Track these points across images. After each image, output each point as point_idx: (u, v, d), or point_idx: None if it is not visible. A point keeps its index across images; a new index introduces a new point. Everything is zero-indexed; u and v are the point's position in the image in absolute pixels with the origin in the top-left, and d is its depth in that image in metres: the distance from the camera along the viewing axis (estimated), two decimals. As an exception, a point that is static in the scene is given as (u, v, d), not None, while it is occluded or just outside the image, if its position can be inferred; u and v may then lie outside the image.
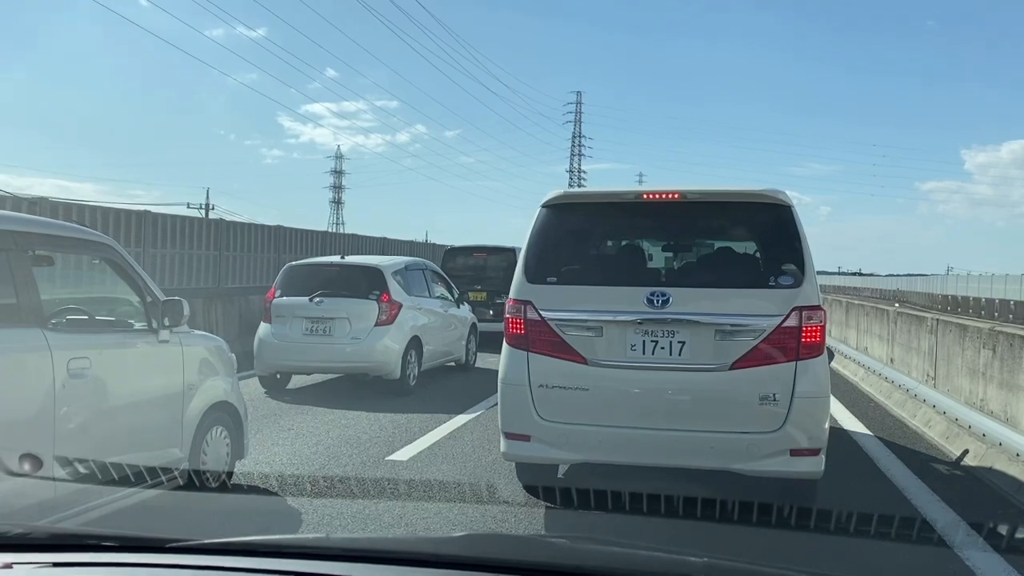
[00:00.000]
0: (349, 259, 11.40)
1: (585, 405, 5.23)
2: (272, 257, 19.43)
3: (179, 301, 5.19)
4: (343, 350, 10.04)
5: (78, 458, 4.28)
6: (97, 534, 1.96)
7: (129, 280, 5.09)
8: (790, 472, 5.08)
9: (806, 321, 5.06)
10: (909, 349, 10.54)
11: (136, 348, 5.07)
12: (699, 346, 5.14)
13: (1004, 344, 7.24)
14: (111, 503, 4.54)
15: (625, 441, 5.19)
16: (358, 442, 7.49)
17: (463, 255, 17.85)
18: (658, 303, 5.16)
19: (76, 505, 4.27)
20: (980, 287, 48.01)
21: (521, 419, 5.33)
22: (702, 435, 5.09)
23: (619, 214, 5.90)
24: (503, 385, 5.46)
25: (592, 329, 5.27)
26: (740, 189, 5.63)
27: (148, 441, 5.00)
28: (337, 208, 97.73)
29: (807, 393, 5.04)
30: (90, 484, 4.39)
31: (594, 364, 5.23)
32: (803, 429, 5.03)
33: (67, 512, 4.19)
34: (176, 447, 5.21)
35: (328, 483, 6.03)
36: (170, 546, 1.80)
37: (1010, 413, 6.95)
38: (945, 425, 8.08)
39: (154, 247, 15.73)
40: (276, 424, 8.28)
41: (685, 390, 5.19)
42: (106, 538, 1.89)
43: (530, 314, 5.35)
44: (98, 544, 1.86)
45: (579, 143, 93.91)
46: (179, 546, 1.79)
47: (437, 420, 8.50)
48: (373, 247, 25.30)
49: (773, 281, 5.22)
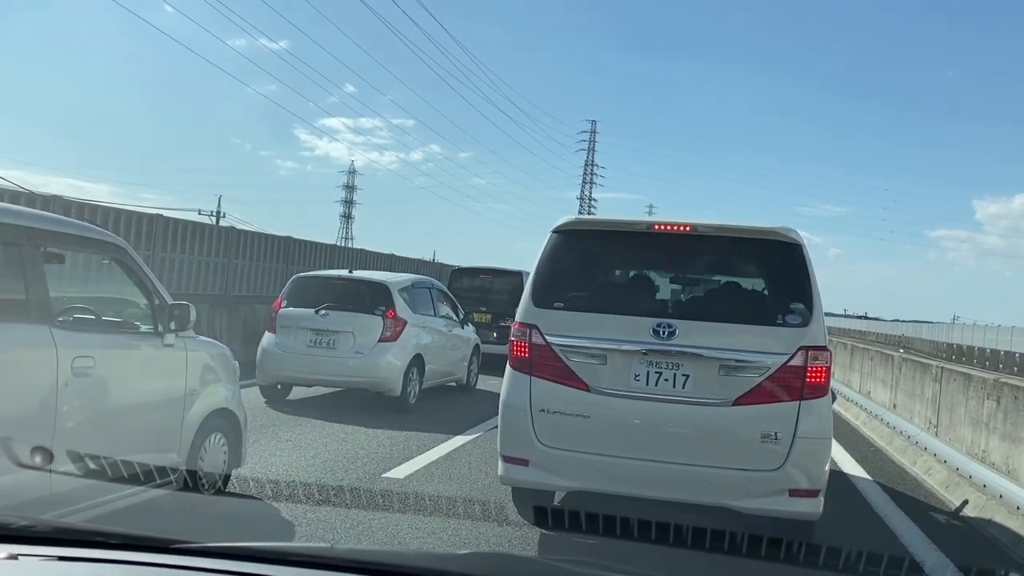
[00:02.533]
0: (357, 273, 11.42)
1: (585, 433, 5.19)
2: (280, 268, 19.47)
3: (186, 305, 5.20)
4: (346, 364, 10.03)
5: (76, 456, 4.28)
6: (102, 531, 1.96)
7: (138, 282, 5.11)
8: (788, 512, 5.03)
9: (812, 361, 5.03)
10: (912, 396, 10.49)
11: (141, 350, 5.07)
12: (703, 380, 5.10)
13: (1008, 396, 7.20)
14: (107, 504, 4.53)
15: (623, 471, 5.13)
16: (355, 457, 7.46)
17: (469, 276, 17.89)
18: (664, 334, 5.14)
19: (70, 503, 4.26)
20: (986, 337, 47.77)
21: (520, 443, 5.30)
22: (701, 470, 5.05)
23: (629, 243, 5.87)
24: (504, 408, 5.43)
25: (596, 357, 5.25)
26: (752, 225, 5.58)
27: (147, 444, 4.99)
28: (347, 223, 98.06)
29: (809, 434, 5.02)
30: (86, 483, 4.39)
31: (596, 392, 5.19)
32: (803, 469, 5.00)
33: (64, 509, 4.17)
34: (174, 451, 5.19)
35: (323, 496, 6.00)
36: (174, 547, 1.80)
37: (1012, 465, 6.90)
38: (946, 474, 8.03)
39: (164, 251, 15.76)
40: (274, 435, 8.26)
41: (686, 424, 5.15)
42: (111, 535, 1.89)
43: (535, 338, 5.32)
44: (103, 541, 1.86)
45: (591, 171, 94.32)
46: (184, 548, 1.79)
47: (435, 440, 8.48)
48: (381, 263, 25.33)
49: (781, 319, 5.20)
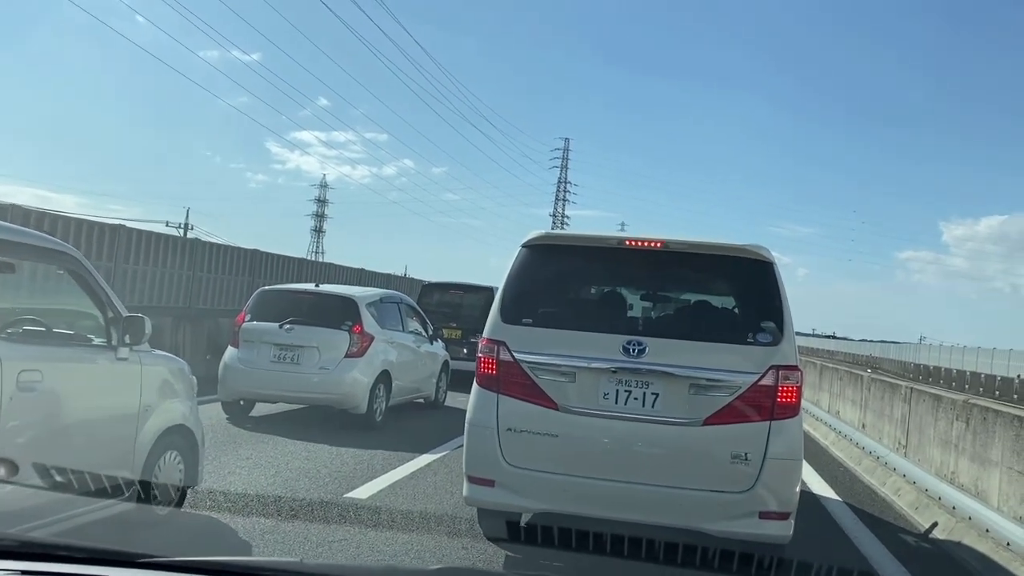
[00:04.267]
0: (324, 287, 11.22)
1: (553, 452, 5.07)
2: (247, 281, 19.19)
3: (141, 318, 5.02)
4: (310, 380, 9.82)
5: (22, 472, 4.09)
6: (68, 544, 1.97)
7: (91, 293, 4.92)
8: (758, 535, 4.93)
9: (782, 380, 4.97)
10: (881, 416, 10.48)
11: (92, 364, 4.88)
12: (672, 399, 5.02)
13: (977, 417, 7.18)
14: (56, 523, 4.35)
15: (592, 492, 5.02)
16: (317, 476, 7.28)
17: (440, 291, 17.74)
18: (634, 352, 5.04)
19: (16, 522, 4.06)
20: (952, 358, 48.37)
21: (486, 463, 5.16)
22: (670, 491, 4.95)
23: (600, 259, 5.74)
24: (470, 426, 5.29)
25: (565, 374, 5.13)
26: (723, 243, 5.46)
27: (98, 461, 4.79)
28: (318, 237, 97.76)
29: (780, 455, 4.95)
30: (34, 500, 4.20)
31: (565, 410, 5.08)
32: (773, 491, 4.93)
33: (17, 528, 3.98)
34: (127, 469, 5.01)
35: (282, 515, 5.83)
36: (141, 561, 1.78)
37: (980, 487, 6.87)
38: (915, 495, 7.99)
39: (126, 262, 15.46)
40: (235, 452, 8.05)
41: (656, 443, 5.05)
42: (77, 549, 1.89)
43: (503, 355, 5.19)
44: (69, 555, 1.84)
45: (564, 188, 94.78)
46: (150, 562, 1.78)
47: (401, 458, 8.31)
48: (350, 278, 25.13)
49: (751, 337, 5.12)
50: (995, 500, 6.51)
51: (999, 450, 6.60)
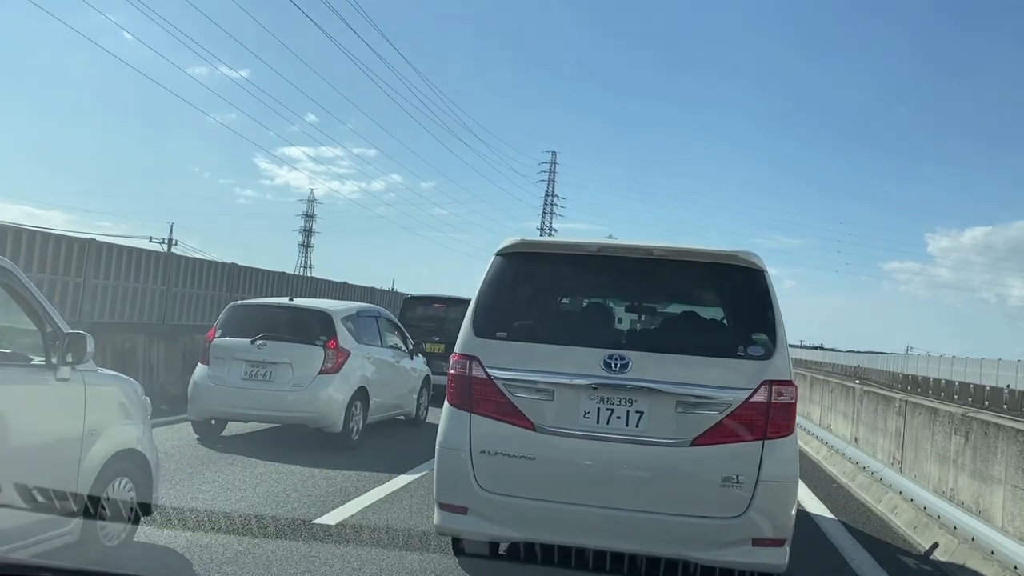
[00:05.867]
0: (297, 301, 10.77)
1: (530, 477, 4.71)
2: (225, 296, 18.71)
3: (83, 335, 4.64)
4: (283, 398, 9.41)
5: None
6: (50, 566, 1.96)
7: (28, 308, 4.54)
8: (751, 564, 4.59)
9: (776, 397, 4.64)
10: (875, 429, 10.16)
11: (27, 385, 4.49)
12: (659, 418, 4.67)
13: (978, 432, 6.85)
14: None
15: (572, 520, 4.66)
16: (285, 500, 6.89)
17: (423, 305, 17.37)
18: (616, 367, 4.70)
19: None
20: (940, 368, 48.24)
21: (459, 488, 4.79)
22: (657, 518, 4.59)
23: (580, 268, 5.34)
24: (440, 448, 4.92)
25: (543, 392, 4.77)
26: (712, 249, 5.09)
27: (35, 490, 4.40)
28: (306, 252, 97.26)
29: (774, 476, 4.60)
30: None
31: (542, 431, 4.72)
32: (768, 516, 4.59)
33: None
34: (69, 498, 4.61)
35: (243, 545, 5.43)
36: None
37: (982, 506, 6.54)
38: (913, 513, 7.65)
39: (96, 278, 14.98)
40: (201, 475, 7.65)
41: (641, 466, 4.69)
42: (60, 571, 1.92)
43: (475, 371, 4.84)
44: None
45: (552, 201, 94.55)
46: None
47: (376, 479, 7.93)
48: (333, 292, 24.68)
49: (742, 351, 4.78)
50: (999, 520, 6.18)
51: (1002, 466, 6.27)
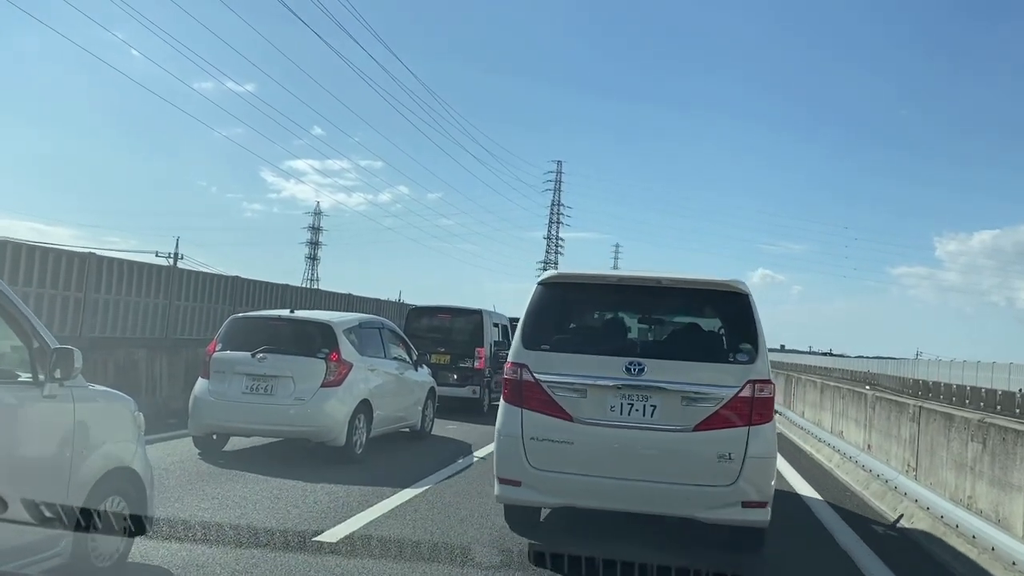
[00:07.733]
0: (299, 313, 10.58)
1: (569, 456, 6.03)
2: (228, 309, 18.53)
3: (70, 350, 4.48)
4: (285, 412, 9.25)
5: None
6: None
7: (12, 323, 4.39)
8: (742, 520, 5.96)
9: (758, 392, 5.95)
10: (888, 436, 9.96)
11: (13, 404, 4.34)
12: (668, 410, 5.99)
13: (996, 438, 6.67)
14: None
15: (602, 489, 6.01)
16: (286, 517, 6.73)
17: (428, 316, 17.20)
18: (635, 371, 6.03)
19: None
20: (951, 373, 47.79)
21: (514, 466, 6.14)
22: (667, 486, 5.91)
23: (604, 293, 6.92)
24: (499, 436, 6.27)
25: (578, 391, 6.11)
26: (707, 278, 6.50)
27: (25, 510, 4.25)
28: (313, 264, 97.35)
29: (758, 454, 5.91)
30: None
31: (578, 421, 6.05)
32: (753, 484, 5.88)
33: None
34: (59, 519, 4.45)
35: (240, 564, 5.28)
36: None
37: (1002, 514, 6.35)
38: (929, 522, 7.45)
39: (97, 292, 14.85)
40: (200, 491, 7.50)
41: (655, 447, 6.00)
42: None
43: (525, 376, 6.19)
44: None
45: (558, 211, 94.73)
46: None
47: (380, 494, 7.76)
48: (338, 304, 24.49)
49: (732, 357, 6.17)
50: (1020, 529, 5.99)
51: (1022, 473, 6.08)
